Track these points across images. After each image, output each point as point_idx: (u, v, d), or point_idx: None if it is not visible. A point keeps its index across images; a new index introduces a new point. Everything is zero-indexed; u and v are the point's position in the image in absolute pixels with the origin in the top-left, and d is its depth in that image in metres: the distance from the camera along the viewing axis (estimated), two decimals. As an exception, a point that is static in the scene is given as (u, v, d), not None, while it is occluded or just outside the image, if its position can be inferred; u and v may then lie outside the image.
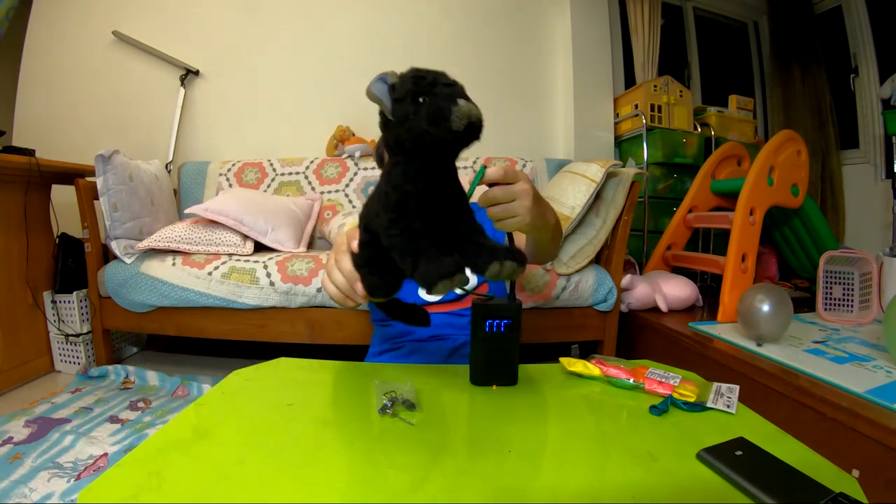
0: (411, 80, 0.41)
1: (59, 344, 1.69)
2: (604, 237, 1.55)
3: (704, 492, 0.40)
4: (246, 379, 0.66)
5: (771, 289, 1.29)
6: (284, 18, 2.35)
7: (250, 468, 0.44)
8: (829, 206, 2.68)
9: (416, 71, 0.42)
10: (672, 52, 2.84)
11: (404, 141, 0.40)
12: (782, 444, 0.49)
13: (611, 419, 0.55)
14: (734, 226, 1.60)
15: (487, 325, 0.61)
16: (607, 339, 1.62)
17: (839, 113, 2.74)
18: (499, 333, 0.61)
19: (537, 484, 0.42)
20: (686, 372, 0.66)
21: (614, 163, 1.54)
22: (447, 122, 0.39)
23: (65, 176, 1.68)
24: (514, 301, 0.63)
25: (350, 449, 0.48)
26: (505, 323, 0.61)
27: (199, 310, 1.55)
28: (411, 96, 0.40)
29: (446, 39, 2.43)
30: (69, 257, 1.71)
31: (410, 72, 0.43)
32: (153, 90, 2.27)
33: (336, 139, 2.22)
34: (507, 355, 0.62)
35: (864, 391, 0.97)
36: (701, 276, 2.25)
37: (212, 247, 1.61)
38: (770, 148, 1.65)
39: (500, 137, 2.42)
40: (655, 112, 2.33)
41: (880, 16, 2.58)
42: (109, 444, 1.17)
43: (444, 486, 0.41)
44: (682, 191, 2.27)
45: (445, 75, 0.43)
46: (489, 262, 0.41)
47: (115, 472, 0.44)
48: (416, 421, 0.53)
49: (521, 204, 0.58)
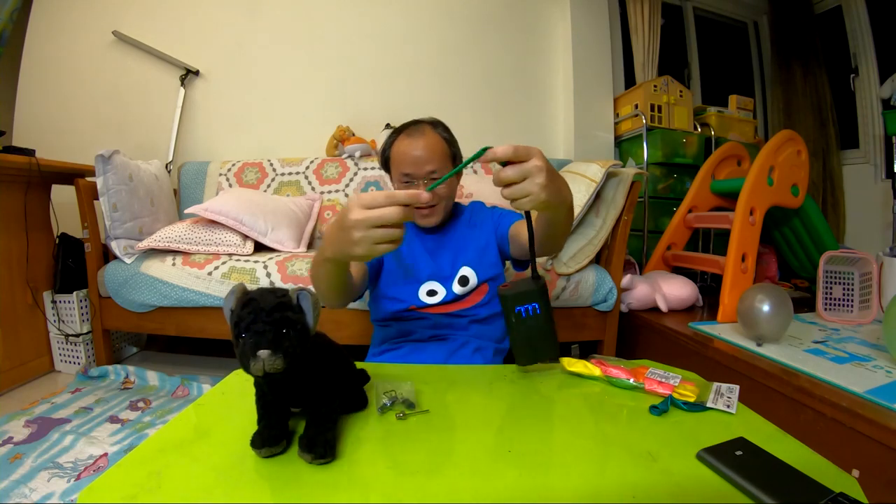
0: (239, 313, 0.44)
1: (59, 344, 1.69)
2: (604, 237, 1.55)
3: (704, 492, 0.40)
4: (246, 379, 0.66)
5: (771, 289, 1.29)
6: (284, 18, 2.35)
7: (250, 468, 0.44)
8: (829, 206, 2.68)
9: (250, 297, 0.45)
10: (672, 52, 2.84)
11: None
12: (782, 444, 0.49)
13: (611, 419, 0.55)
14: (734, 226, 1.60)
15: (519, 311, 0.64)
16: (607, 339, 1.62)
17: (839, 113, 2.74)
18: (533, 316, 0.64)
19: (537, 484, 0.42)
20: (686, 372, 0.66)
21: (614, 163, 1.54)
22: (248, 367, 0.43)
23: (65, 176, 1.68)
24: (538, 281, 0.65)
25: (350, 448, 0.48)
26: (534, 306, 0.64)
27: (199, 310, 1.55)
28: (235, 331, 0.44)
29: (446, 39, 2.43)
30: (69, 257, 1.71)
31: (253, 293, 0.45)
32: (153, 90, 2.27)
33: (336, 139, 2.22)
34: (545, 333, 0.65)
35: (864, 391, 0.97)
36: (701, 276, 2.25)
37: (212, 247, 1.61)
38: (770, 148, 1.65)
39: (499, 137, 2.42)
40: (655, 112, 2.33)
41: (880, 16, 2.58)
42: (109, 444, 1.17)
43: (444, 485, 0.41)
44: (682, 191, 2.27)
45: (275, 301, 0.45)
46: (302, 451, 0.46)
47: (115, 472, 0.44)
48: (416, 420, 0.53)
49: (535, 182, 0.55)
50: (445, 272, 0.98)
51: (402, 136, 0.93)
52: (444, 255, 0.99)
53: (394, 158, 0.94)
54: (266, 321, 0.43)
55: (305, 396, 0.50)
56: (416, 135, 0.92)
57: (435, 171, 0.90)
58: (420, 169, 0.90)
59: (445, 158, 0.93)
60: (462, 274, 0.97)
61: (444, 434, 0.46)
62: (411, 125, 0.95)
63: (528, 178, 0.55)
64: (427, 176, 0.90)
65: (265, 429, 0.48)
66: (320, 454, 0.45)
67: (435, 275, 0.97)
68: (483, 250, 0.99)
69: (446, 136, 0.96)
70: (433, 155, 0.91)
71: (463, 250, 0.99)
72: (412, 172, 0.90)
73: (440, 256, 0.99)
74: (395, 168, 0.94)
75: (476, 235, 1.00)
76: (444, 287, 0.97)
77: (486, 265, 0.98)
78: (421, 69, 2.41)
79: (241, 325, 0.43)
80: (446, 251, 0.99)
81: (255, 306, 0.44)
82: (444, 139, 0.95)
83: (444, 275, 0.98)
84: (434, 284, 0.96)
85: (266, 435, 0.47)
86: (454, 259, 0.98)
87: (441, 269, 0.98)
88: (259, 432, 0.47)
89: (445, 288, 0.97)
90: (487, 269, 0.98)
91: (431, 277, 0.96)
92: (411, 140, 0.91)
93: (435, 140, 0.93)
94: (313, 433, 0.46)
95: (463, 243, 1.00)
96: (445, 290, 0.97)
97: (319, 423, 0.48)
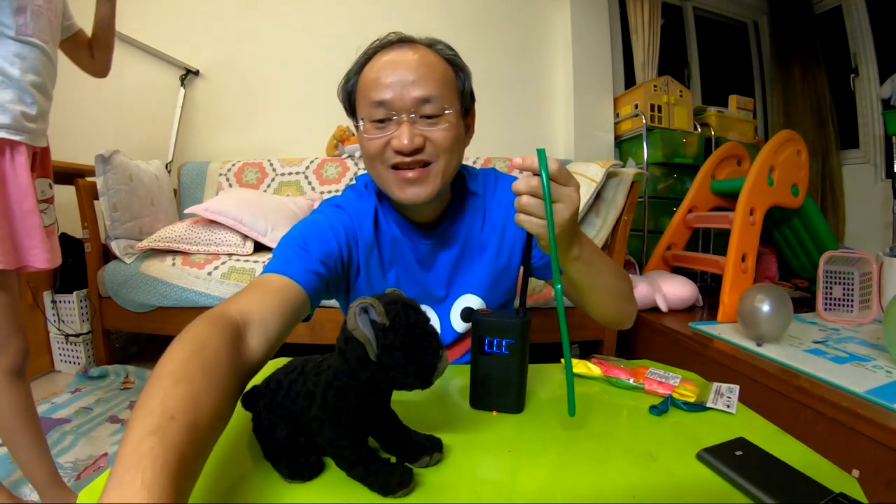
0: (405, 331, 0.39)
1: (59, 344, 1.69)
2: (604, 237, 1.55)
3: (704, 492, 0.40)
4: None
5: (771, 289, 1.29)
6: (284, 18, 2.35)
7: (250, 468, 0.44)
8: (829, 206, 2.68)
9: (406, 313, 0.39)
10: (672, 52, 2.84)
11: (378, 381, 0.40)
12: (782, 444, 0.49)
13: (611, 419, 0.55)
14: (734, 226, 1.60)
15: (486, 344, 0.53)
16: (607, 339, 1.62)
17: (839, 113, 2.74)
18: (500, 354, 0.53)
19: (537, 484, 0.42)
20: (686, 372, 0.66)
21: (614, 163, 1.54)
22: (431, 379, 0.40)
23: (65, 176, 1.67)
24: (522, 317, 0.53)
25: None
26: (507, 343, 0.52)
27: (199, 310, 1.53)
28: (405, 350, 0.38)
29: (446, 39, 2.40)
30: (69, 257, 1.71)
31: (401, 311, 0.39)
32: (153, 90, 2.27)
33: (336, 139, 2.22)
34: (508, 379, 0.53)
35: (864, 391, 0.96)
36: (701, 276, 2.25)
37: (212, 247, 1.61)
38: (770, 148, 1.65)
39: (499, 137, 2.42)
40: (655, 112, 2.33)
41: (880, 16, 2.57)
42: (109, 444, 1.17)
43: (444, 485, 0.41)
44: (682, 191, 2.27)
45: (422, 313, 0.41)
46: (420, 456, 0.43)
47: (115, 472, 0.44)
48: (416, 420, 0.53)
49: (559, 209, 0.46)
50: (439, 293, 0.69)
51: (380, 53, 0.60)
52: (440, 265, 0.68)
53: (363, 86, 0.59)
54: (432, 331, 0.41)
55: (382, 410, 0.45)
56: (403, 48, 0.59)
57: (429, 98, 0.56)
58: (405, 94, 0.56)
59: (447, 87, 0.59)
60: (464, 303, 0.69)
61: (443, 434, 0.46)
62: (396, 40, 0.61)
63: (557, 202, 0.46)
64: (415, 107, 0.56)
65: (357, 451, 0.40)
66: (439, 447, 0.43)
67: (425, 295, 0.69)
68: (502, 272, 0.69)
69: (451, 56, 0.62)
70: (428, 72, 0.57)
71: (470, 265, 0.68)
72: (390, 99, 0.56)
73: (435, 266, 0.68)
74: (364, 100, 0.59)
75: (495, 245, 0.68)
76: (436, 315, 0.70)
77: (500, 292, 0.71)
78: (421, 69, 2.41)
79: (415, 333, 0.39)
80: (443, 259, 0.68)
81: (415, 316, 0.40)
82: (446, 60, 0.61)
83: (437, 296, 0.69)
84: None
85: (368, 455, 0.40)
86: (452, 274, 0.68)
87: (432, 287, 0.68)
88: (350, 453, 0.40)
89: (440, 318, 0.69)
90: (500, 297, 0.71)
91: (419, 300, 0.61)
92: (395, 54, 0.58)
93: (432, 58, 0.59)
94: (421, 437, 0.44)
95: (469, 252, 0.68)
96: (440, 324, 0.69)
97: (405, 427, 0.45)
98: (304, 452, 0.43)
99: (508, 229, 0.68)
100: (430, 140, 0.57)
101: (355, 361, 0.39)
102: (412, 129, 0.56)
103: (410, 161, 0.57)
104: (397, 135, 0.56)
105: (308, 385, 0.42)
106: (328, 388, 0.41)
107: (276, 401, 0.44)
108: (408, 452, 0.43)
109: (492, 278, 0.69)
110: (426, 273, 0.68)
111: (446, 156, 0.59)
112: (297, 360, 0.47)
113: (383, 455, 0.44)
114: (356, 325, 0.38)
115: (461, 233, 0.68)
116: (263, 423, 0.45)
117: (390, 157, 0.57)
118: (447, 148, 0.58)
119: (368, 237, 0.64)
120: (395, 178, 0.58)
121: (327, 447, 0.41)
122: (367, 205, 0.66)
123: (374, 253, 0.65)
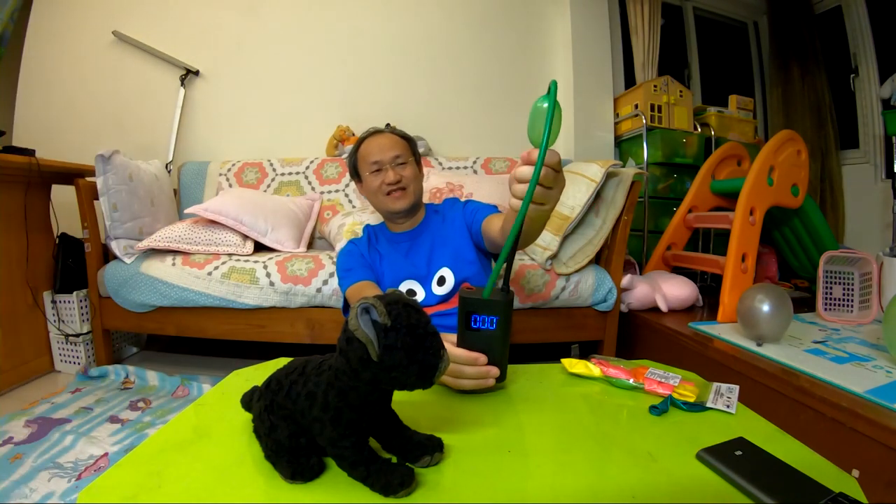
0: (406, 331, 0.39)
1: (59, 344, 1.69)
2: (604, 237, 1.55)
3: (704, 492, 0.40)
4: (246, 379, 0.66)
5: (771, 289, 1.29)
6: (284, 19, 2.35)
7: (250, 468, 0.44)
8: (828, 206, 2.68)
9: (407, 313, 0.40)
10: (672, 52, 2.84)
11: (380, 381, 0.40)
12: (782, 444, 0.49)
13: (611, 419, 0.55)
14: (734, 226, 1.60)
15: (473, 321, 0.58)
16: (607, 339, 1.62)
17: (839, 113, 2.74)
18: (486, 330, 0.58)
19: (537, 484, 0.42)
20: (686, 372, 0.66)
21: (614, 163, 1.54)
22: (433, 378, 0.41)
23: (65, 176, 1.68)
24: (506, 294, 0.58)
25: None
26: (491, 319, 0.58)
27: (199, 310, 1.55)
28: (406, 350, 0.39)
29: (446, 39, 2.43)
30: (69, 257, 1.71)
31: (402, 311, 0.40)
32: (153, 90, 2.27)
33: (336, 139, 2.22)
34: (495, 354, 0.59)
35: (864, 391, 0.96)
36: (701, 276, 2.25)
37: (212, 247, 1.61)
38: (770, 148, 1.65)
39: (499, 137, 2.42)
40: (655, 112, 2.33)
41: (880, 16, 2.57)
42: (110, 444, 1.17)
43: (444, 485, 0.41)
44: (682, 191, 2.27)
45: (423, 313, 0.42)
46: (421, 456, 0.44)
47: (116, 472, 0.44)
48: (416, 421, 0.53)
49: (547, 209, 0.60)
50: (422, 271, 1.00)
51: (365, 141, 1.04)
52: (419, 254, 1.01)
53: (361, 157, 1.03)
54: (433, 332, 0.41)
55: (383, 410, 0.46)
56: (377, 134, 1.04)
57: (399, 155, 1.00)
58: (386, 154, 0.99)
59: (405, 147, 1.03)
60: (440, 274, 0.98)
61: (443, 434, 0.46)
62: (371, 132, 1.06)
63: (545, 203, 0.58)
64: (393, 161, 0.99)
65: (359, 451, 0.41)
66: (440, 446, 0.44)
67: (411, 274, 0.99)
68: (459, 248, 1.00)
69: (401, 134, 1.07)
70: (395, 144, 1.02)
71: (438, 249, 1.00)
72: (380, 158, 0.99)
73: (415, 255, 1.01)
74: (364, 162, 1.02)
75: (450, 233, 1.02)
76: (422, 287, 0.99)
77: (463, 263, 0.99)
78: (421, 69, 2.41)
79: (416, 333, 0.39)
80: (420, 250, 1.01)
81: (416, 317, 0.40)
82: (400, 135, 1.06)
83: (421, 274, 1.00)
84: (412, 284, 0.98)
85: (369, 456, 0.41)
86: (430, 258, 1.00)
87: (417, 268, 1.00)
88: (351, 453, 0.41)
89: (424, 289, 0.98)
90: (465, 267, 0.98)
91: (408, 277, 0.99)
92: (374, 138, 1.03)
93: (393, 136, 1.04)
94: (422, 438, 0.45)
95: (437, 242, 1.01)
96: (425, 292, 0.98)
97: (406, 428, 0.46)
98: (306, 453, 0.43)
99: (454, 221, 1.03)
100: (403, 175, 1.00)
101: (357, 362, 0.39)
102: (394, 171, 0.99)
103: (395, 188, 0.99)
104: (385, 176, 0.99)
105: (309, 386, 0.42)
106: (329, 388, 0.41)
107: (277, 401, 0.44)
108: (409, 453, 0.44)
109: (453, 253, 1.00)
110: (411, 259, 1.02)
111: (413, 182, 1.01)
112: (297, 360, 0.47)
113: (384, 455, 0.44)
114: (358, 326, 0.38)
115: (431, 231, 1.04)
116: (264, 424, 0.44)
117: (384, 188, 0.99)
118: (412, 178, 1.01)
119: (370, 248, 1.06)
120: (389, 198, 1.00)
121: (328, 448, 0.41)
122: (365, 236, 1.09)
123: (375, 253, 1.05)
